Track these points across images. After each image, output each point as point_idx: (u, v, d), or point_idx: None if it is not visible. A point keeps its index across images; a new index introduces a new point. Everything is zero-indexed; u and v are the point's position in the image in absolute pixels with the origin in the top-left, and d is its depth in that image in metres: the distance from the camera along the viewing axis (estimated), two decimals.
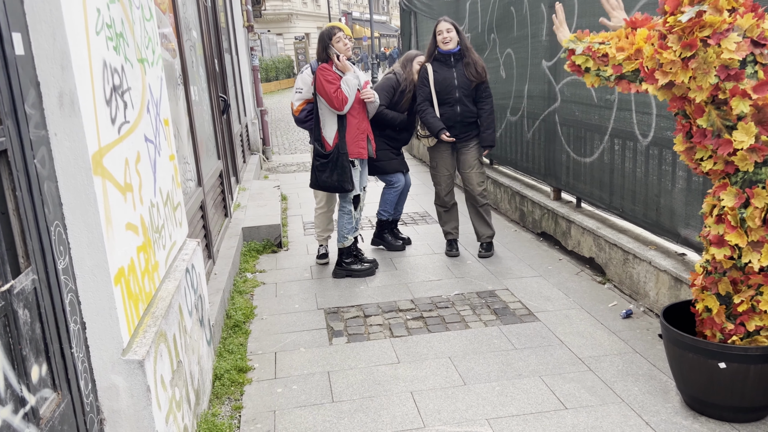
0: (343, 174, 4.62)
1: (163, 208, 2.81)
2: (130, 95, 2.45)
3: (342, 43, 4.60)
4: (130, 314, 2.20)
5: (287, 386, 3.32)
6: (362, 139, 4.69)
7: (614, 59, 2.82)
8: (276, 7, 36.43)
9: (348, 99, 4.52)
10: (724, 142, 2.55)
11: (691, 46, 2.50)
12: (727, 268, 2.69)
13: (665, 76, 2.59)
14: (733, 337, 2.73)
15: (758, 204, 2.53)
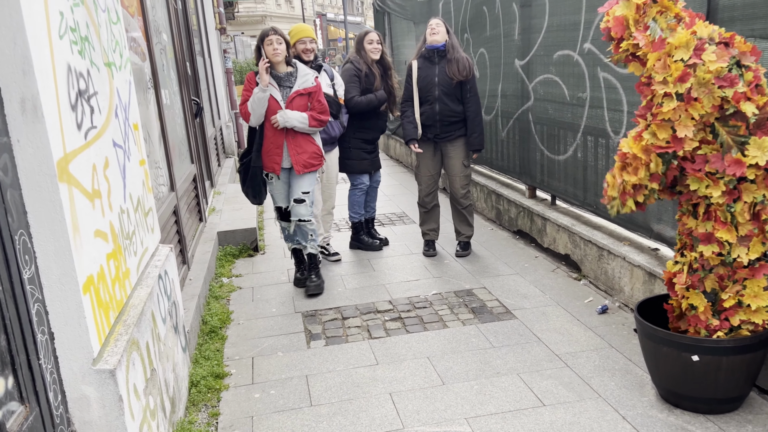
0: (251, 186, 4.48)
1: (133, 214, 2.76)
2: (96, 100, 2.41)
3: (272, 47, 4.19)
4: (101, 323, 2.16)
5: (265, 391, 3.29)
6: (276, 153, 4.37)
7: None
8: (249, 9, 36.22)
9: (252, 114, 4.26)
10: (734, 162, 2.51)
11: (683, 79, 2.52)
12: (715, 264, 2.70)
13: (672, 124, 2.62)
14: (718, 332, 2.75)
15: (747, 198, 2.56)
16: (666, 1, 2.62)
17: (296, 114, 4.28)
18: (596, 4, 4.06)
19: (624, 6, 2.68)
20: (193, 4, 7.78)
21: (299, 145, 4.39)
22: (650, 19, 2.63)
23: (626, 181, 2.73)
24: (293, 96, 4.28)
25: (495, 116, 6.03)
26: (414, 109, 4.97)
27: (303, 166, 4.40)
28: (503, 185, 6.13)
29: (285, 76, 4.30)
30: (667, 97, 2.55)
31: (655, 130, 2.59)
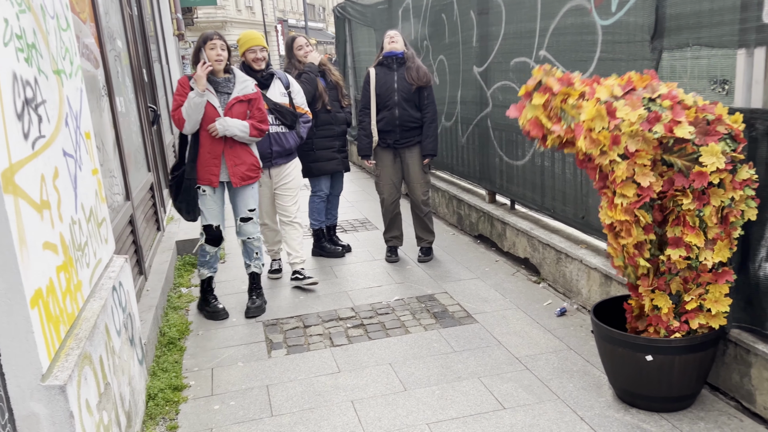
0: (184, 201, 4.12)
1: (86, 225, 2.70)
2: (45, 108, 2.34)
3: (215, 52, 3.94)
4: (50, 337, 2.10)
5: (225, 402, 3.24)
6: (214, 164, 4.05)
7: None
8: (209, 15, 35.85)
9: (186, 121, 3.92)
10: (697, 174, 2.59)
11: (616, 142, 2.61)
12: (682, 268, 2.76)
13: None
14: (676, 333, 2.81)
15: (715, 202, 2.62)
16: (564, 88, 2.75)
17: (237, 122, 4.02)
18: (551, 12, 4.14)
19: (531, 108, 2.81)
20: (150, 10, 7.67)
21: (238, 156, 4.11)
22: (558, 110, 2.75)
23: (626, 245, 2.79)
24: (232, 102, 4.02)
25: (455, 122, 6.09)
26: (371, 118, 4.96)
27: (241, 178, 4.13)
28: (464, 190, 6.19)
29: (223, 82, 4.05)
30: (614, 162, 2.64)
31: (622, 191, 2.67)
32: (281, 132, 4.58)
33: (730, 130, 2.57)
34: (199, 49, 3.98)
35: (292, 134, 4.63)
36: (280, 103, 4.51)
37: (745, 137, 2.68)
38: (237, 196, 4.24)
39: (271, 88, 4.53)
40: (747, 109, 2.67)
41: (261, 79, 4.44)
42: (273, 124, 4.51)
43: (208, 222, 4.17)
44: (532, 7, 4.35)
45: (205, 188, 4.10)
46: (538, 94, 2.78)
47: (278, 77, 4.61)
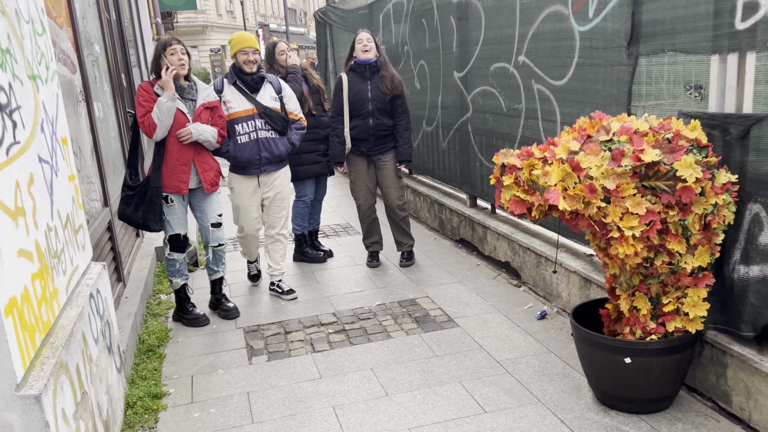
0: (150, 210, 3.96)
1: (62, 232, 2.67)
2: (20, 114, 2.32)
3: (177, 57, 3.92)
4: (25, 346, 2.07)
5: (204, 410, 3.21)
6: (183, 171, 4.00)
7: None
8: (190, 20, 35.61)
9: (158, 126, 3.85)
10: (683, 190, 2.61)
11: (592, 191, 2.65)
12: (664, 273, 2.79)
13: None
14: (652, 335, 2.84)
15: (698, 210, 2.65)
16: (526, 161, 2.80)
17: (209, 127, 4.06)
18: (530, 18, 4.18)
19: (506, 190, 2.87)
20: (129, 14, 7.60)
21: (206, 162, 4.12)
22: (529, 182, 2.79)
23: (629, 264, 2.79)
24: (200, 109, 4.04)
25: (436, 127, 6.12)
26: (344, 125, 4.92)
27: (210, 184, 4.12)
28: (445, 195, 6.21)
29: (187, 88, 4.05)
30: (602, 209, 2.67)
31: (627, 225, 2.65)
32: (270, 138, 4.41)
33: (691, 141, 2.63)
34: (160, 56, 3.93)
35: (282, 140, 4.47)
36: (270, 107, 4.39)
37: (720, 141, 2.73)
38: (205, 202, 4.19)
39: (261, 92, 4.40)
40: (721, 114, 2.72)
41: (251, 83, 4.35)
42: (262, 129, 4.37)
43: (175, 231, 4.11)
44: (511, 12, 4.39)
45: (172, 197, 4.04)
46: (507, 176, 2.85)
47: (269, 81, 4.48)
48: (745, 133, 2.62)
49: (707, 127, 2.76)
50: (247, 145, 4.34)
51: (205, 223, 4.23)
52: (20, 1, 2.51)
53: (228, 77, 4.41)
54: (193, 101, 4.05)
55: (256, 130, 4.35)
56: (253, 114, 4.33)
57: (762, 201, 2.59)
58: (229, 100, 4.32)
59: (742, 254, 2.70)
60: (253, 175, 4.47)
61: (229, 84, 4.37)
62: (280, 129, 4.43)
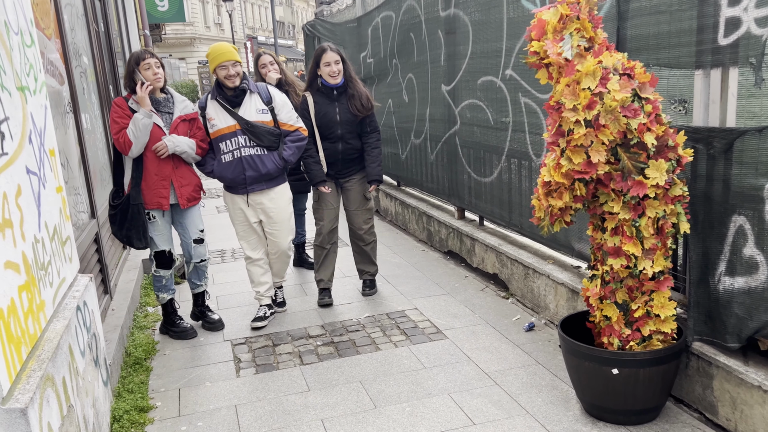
0: (133, 228, 3.87)
1: (49, 244, 2.65)
2: (8, 126, 2.31)
3: (151, 72, 3.82)
4: (11, 359, 2.05)
5: (192, 423, 3.19)
6: (162, 186, 3.91)
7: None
8: (178, 32, 35.63)
9: (133, 143, 3.75)
10: (636, 184, 2.67)
11: (590, 106, 2.65)
12: (624, 276, 2.84)
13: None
14: (630, 342, 2.87)
15: (651, 214, 2.71)
16: (586, 21, 2.76)
17: (185, 139, 3.94)
18: (517, 32, 4.23)
19: (551, 12, 2.76)
20: (117, 26, 7.60)
21: (183, 177, 4.00)
22: (568, 32, 2.74)
23: (553, 206, 2.85)
24: (177, 122, 3.92)
25: (424, 140, 6.15)
26: (317, 146, 4.50)
27: (188, 199, 4.02)
28: (434, 207, 6.23)
29: (163, 101, 3.94)
30: (577, 124, 2.68)
31: (570, 155, 2.72)
32: (256, 155, 4.07)
33: (678, 157, 2.69)
34: (133, 71, 3.82)
35: (271, 156, 4.11)
36: (253, 122, 4.03)
37: (704, 155, 2.78)
38: (185, 218, 4.10)
39: (243, 106, 4.05)
40: (705, 128, 2.77)
41: (231, 97, 4.04)
42: (246, 146, 4.05)
43: (160, 248, 4.03)
44: (498, 27, 4.44)
45: (154, 213, 3.96)
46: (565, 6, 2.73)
47: (256, 92, 4.11)
48: (728, 147, 2.66)
49: (691, 141, 2.80)
50: (231, 164, 4.08)
51: (187, 240, 4.14)
52: (9, 13, 2.51)
53: (212, 93, 4.14)
54: (169, 114, 3.94)
55: (239, 147, 4.06)
56: (235, 130, 4.04)
57: (745, 213, 2.63)
58: (212, 116, 4.06)
59: (727, 266, 2.74)
60: (240, 194, 4.20)
61: (212, 99, 4.09)
62: (267, 145, 4.09)
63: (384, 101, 7.17)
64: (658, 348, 2.85)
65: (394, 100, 6.87)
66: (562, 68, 2.73)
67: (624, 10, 3.20)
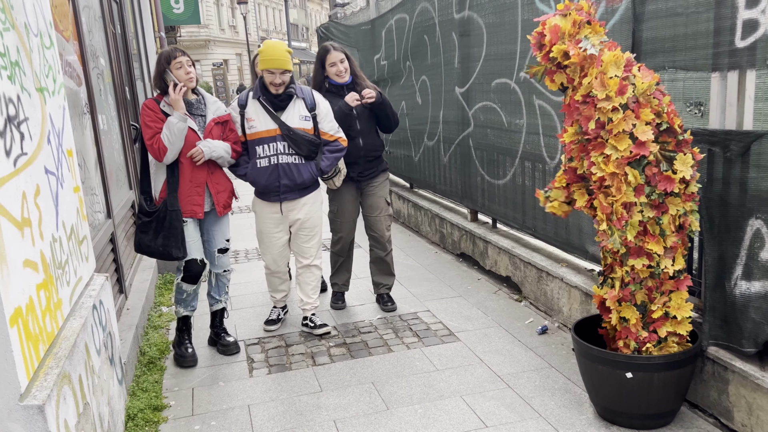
0: (171, 236, 3.60)
1: (66, 243, 2.68)
2: (27, 126, 2.34)
3: (184, 71, 3.57)
4: (29, 356, 2.08)
5: (205, 422, 3.21)
6: (197, 194, 3.68)
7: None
8: (192, 34, 35.88)
9: (168, 149, 3.54)
10: (664, 179, 2.65)
11: (622, 92, 2.64)
12: (645, 277, 2.80)
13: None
14: (647, 344, 2.85)
15: (672, 211, 2.69)
16: (597, 26, 2.77)
17: (220, 143, 3.73)
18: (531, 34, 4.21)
19: (561, 19, 2.79)
20: (133, 28, 7.68)
21: (219, 183, 3.79)
22: (583, 36, 2.75)
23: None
24: (210, 125, 3.71)
25: (437, 142, 6.15)
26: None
27: (224, 206, 3.81)
28: (446, 209, 6.23)
29: (195, 103, 3.72)
30: (614, 111, 2.65)
31: (615, 144, 2.66)
32: (293, 163, 3.86)
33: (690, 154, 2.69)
34: (164, 70, 3.58)
35: (308, 166, 3.90)
36: (294, 129, 3.83)
37: (720, 158, 2.76)
38: (215, 226, 3.87)
39: (288, 111, 3.86)
40: (721, 131, 2.75)
41: (276, 100, 3.85)
42: (284, 153, 3.85)
43: (192, 256, 3.73)
44: (512, 29, 4.43)
45: (186, 221, 3.71)
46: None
47: (301, 97, 3.91)
48: (745, 150, 2.64)
49: (708, 144, 2.79)
50: (266, 170, 3.87)
51: (211, 249, 3.88)
52: (29, 15, 2.55)
53: (254, 91, 3.91)
54: (202, 116, 3.73)
55: (276, 154, 3.85)
56: (275, 135, 3.83)
57: (763, 217, 2.61)
58: (252, 117, 3.85)
59: (744, 270, 2.71)
60: (274, 201, 3.99)
61: (254, 99, 3.88)
62: (306, 154, 3.88)
63: (397, 103, 7.18)
64: (673, 352, 2.83)
65: (408, 102, 6.88)
66: (586, 64, 2.71)
67: (640, 13, 3.19)
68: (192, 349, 3.93)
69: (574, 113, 2.82)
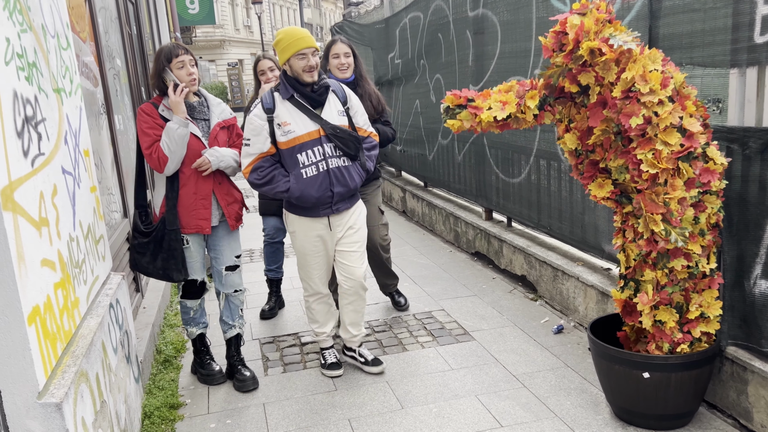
0: (170, 259, 3.25)
1: (83, 242, 2.71)
2: (45, 126, 2.36)
3: (186, 71, 3.20)
4: (47, 355, 2.10)
5: (221, 421, 3.23)
6: (203, 206, 3.29)
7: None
8: (208, 34, 36.10)
9: (169, 159, 3.15)
10: (704, 171, 2.62)
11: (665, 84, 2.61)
12: (683, 278, 2.74)
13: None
14: (681, 345, 2.79)
15: (709, 210, 2.66)
16: (618, 24, 2.73)
17: (228, 151, 3.33)
18: (545, 32, 4.18)
19: (582, 18, 2.72)
20: (149, 29, 7.73)
21: (229, 193, 3.40)
22: (607, 34, 2.70)
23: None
24: (215, 130, 3.33)
25: (451, 140, 6.13)
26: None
27: (236, 219, 3.43)
28: (461, 208, 6.21)
29: (197, 106, 3.33)
30: (660, 104, 2.61)
31: (665, 138, 2.61)
32: (343, 166, 3.30)
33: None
34: (163, 69, 3.20)
35: (356, 167, 3.36)
36: (339, 126, 3.29)
37: (739, 155, 2.72)
38: (223, 241, 3.45)
39: (326, 107, 3.29)
40: (740, 128, 2.71)
41: (314, 95, 3.25)
42: (333, 156, 3.27)
43: (191, 277, 3.40)
44: (527, 27, 4.40)
45: (188, 237, 3.34)
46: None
47: (333, 90, 3.37)
48: (765, 147, 2.60)
49: (726, 141, 2.75)
50: (316, 180, 3.24)
51: (218, 267, 3.48)
52: (46, 16, 2.58)
53: (281, 91, 3.28)
54: (205, 121, 3.34)
55: (325, 158, 3.25)
56: (319, 137, 3.23)
57: None
58: (287, 121, 3.22)
59: (763, 269, 2.67)
60: (322, 216, 3.37)
61: (284, 99, 3.26)
62: (354, 153, 3.33)
63: (411, 102, 7.17)
64: (692, 352, 2.80)
65: (422, 100, 6.87)
66: (624, 59, 2.65)
67: (656, 9, 3.15)
68: (218, 365, 3.65)
69: (611, 110, 2.72)
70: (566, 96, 2.94)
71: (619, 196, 2.88)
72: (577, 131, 2.93)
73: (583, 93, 2.85)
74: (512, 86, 3.05)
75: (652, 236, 2.73)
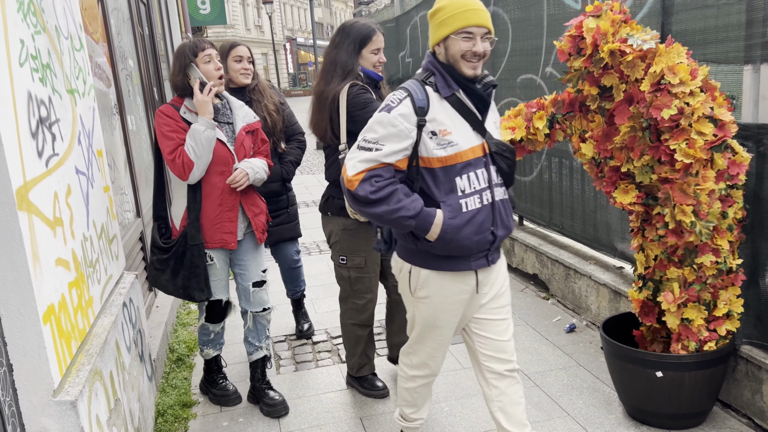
0: (192, 277, 2.95)
1: (97, 242, 2.73)
2: (58, 127, 2.39)
3: (213, 65, 2.90)
4: (62, 353, 2.12)
5: (233, 419, 3.24)
6: (229, 219, 2.97)
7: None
8: (219, 34, 36.28)
9: (195, 164, 2.82)
10: (732, 163, 2.60)
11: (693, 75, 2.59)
12: (711, 274, 2.70)
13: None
14: (708, 343, 2.75)
15: (736, 205, 2.64)
16: (634, 24, 2.71)
17: (259, 161, 3.06)
18: (556, 30, 4.17)
19: (597, 20, 2.71)
20: (161, 29, 7.78)
21: (255, 203, 3.10)
22: (624, 34, 2.68)
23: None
24: (241, 135, 3.01)
25: None
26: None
27: (263, 231, 3.14)
28: None
29: (221, 108, 3.02)
30: (691, 95, 2.57)
31: (699, 128, 2.57)
32: (505, 198, 2.33)
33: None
34: (188, 65, 2.87)
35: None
36: (503, 143, 2.31)
37: (753, 152, 2.70)
38: (249, 255, 3.15)
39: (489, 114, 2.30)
40: (755, 125, 2.68)
41: (482, 93, 2.23)
42: (497, 185, 2.29)
43: (216, 297, 3.10)
44: (538, 24, 4.39)
45: (212, 254, 3.02)
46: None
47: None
48: None
49: (740, 138, 2.72)
50: (479, 216, 2.23)
51: (245, 283, 3.18)
52: (60, 18, 2.60)
53: (439, 84, 2.23)
54: (229, 124, 3.03)
55: (490, 186, 2.26)
56: (483, 155, 2.26)
57: None
58: (449, 129, 2.20)
59: None
60: (472, 270, 2.30)
61: (442, 98, 2.23)
62: (511, 182, 2.37)
63: None
64: (705, 351, 2.78)
65: None
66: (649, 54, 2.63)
67: (669, 5, 3.13)
68: (233, 385, 3.44)
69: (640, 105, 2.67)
70: (574, 110, 2.93)
71: (645, 198, 2.85)
72: (593, 139, 2.91)
73: (600, 96, 2.82)
74: (520, 110, 3.03)
75: (678, 226, 2.70)
